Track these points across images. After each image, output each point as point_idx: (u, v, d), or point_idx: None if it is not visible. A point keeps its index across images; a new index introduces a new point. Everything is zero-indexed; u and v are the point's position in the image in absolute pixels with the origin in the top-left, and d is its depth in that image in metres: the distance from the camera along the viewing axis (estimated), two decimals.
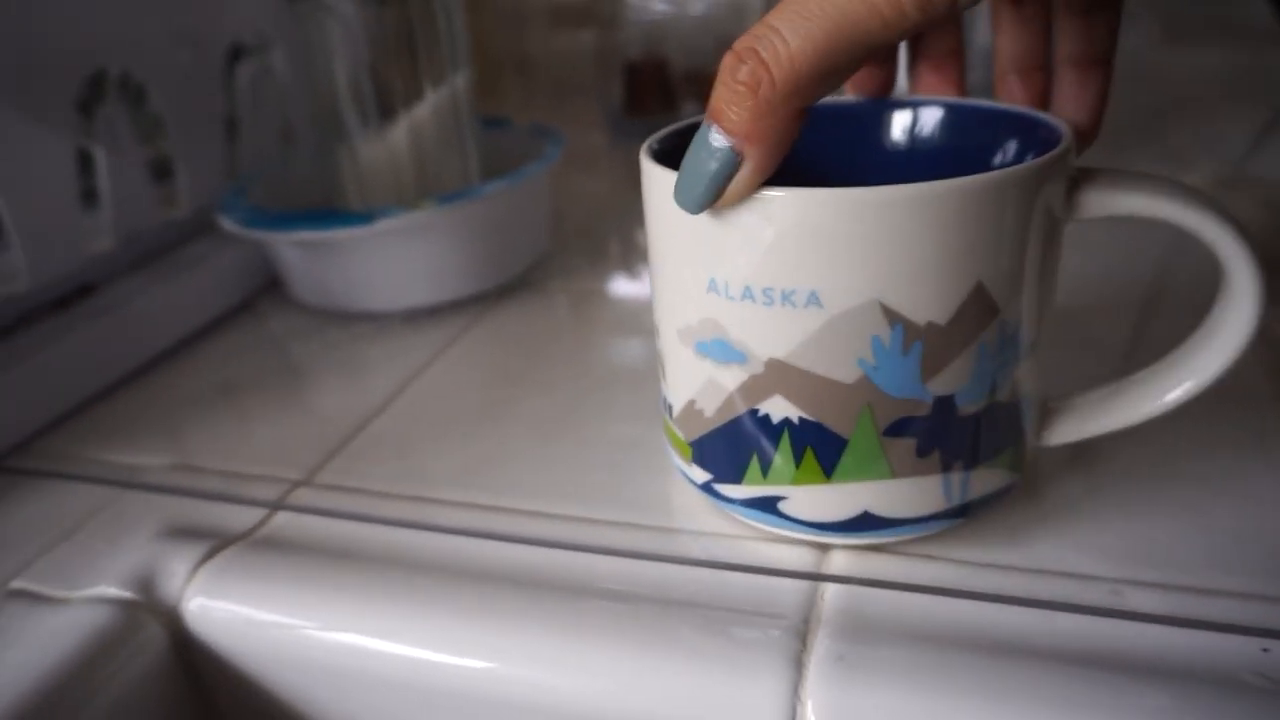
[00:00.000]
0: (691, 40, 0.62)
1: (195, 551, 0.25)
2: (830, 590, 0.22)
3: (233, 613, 0.24)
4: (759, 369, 0.21)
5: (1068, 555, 0.23)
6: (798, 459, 0.22)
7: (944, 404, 0.21)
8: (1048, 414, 0.24)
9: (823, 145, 0.25)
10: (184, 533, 0.26)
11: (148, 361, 0.37)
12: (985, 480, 0.22)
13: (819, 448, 0.21)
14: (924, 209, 0.19)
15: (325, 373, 0.36)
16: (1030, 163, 0.19)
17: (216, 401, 0.34)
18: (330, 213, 0.36)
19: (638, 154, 0.22)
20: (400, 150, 0.39)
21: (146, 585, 0.25)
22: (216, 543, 0.26)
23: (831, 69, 0.18)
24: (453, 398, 0.33)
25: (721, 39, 0.62)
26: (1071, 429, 0.24)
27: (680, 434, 0.24)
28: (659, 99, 0.63)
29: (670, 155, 0.22)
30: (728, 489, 0.23)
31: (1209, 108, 0.56)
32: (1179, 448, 0.26)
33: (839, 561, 0.23)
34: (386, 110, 0.39)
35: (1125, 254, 0.38)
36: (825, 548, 0.24)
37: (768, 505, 0.23)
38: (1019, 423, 0.22)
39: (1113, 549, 0.23)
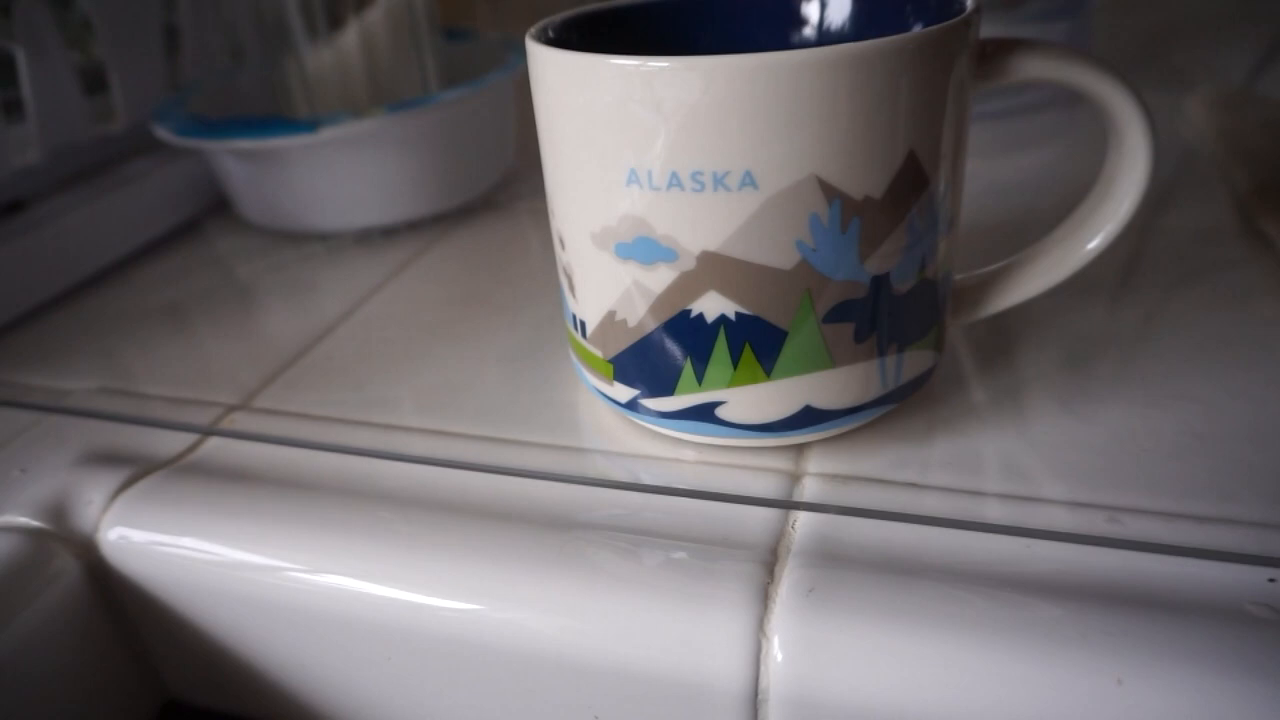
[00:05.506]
0: None
1: (114, 478, 0.23)
2: (801, 519, 0.20)
3: (154, 543, 0.22)
4: (690, 265, 0.19)
5: (1059, 482, 0.21)
6: (735, 359, 0.20)
7: (880, 283, 0.20)
8: (962, 291, 0.24)
9: (738, 32, 0.25)
10: (105, 459, 0.24)
11: (81, 282, 0.35)
12: (915, 362, 0.22)
13: (758, 344, 0.20)
14: (853, 71, 0.17)
15: (271, 295, 0.34)
16: (945, 24, 0.18)
17: (152, 324, 0.32)
18: (272, 120, 0.33)
19: None
20: (351, 59, 0.36)
21: (59, 513, 0.23)
22: (139, 469, 0.24)
23: None
24: (406, 321, 0.31)
25: None
26: (997, 299, 0.23)
27: (597, 352, 0.22)
28: None
29: (566, 45, 0.20)
30: (657, 403, 0.22)
31: (1212, 29, 0.53)
32: (1163, 355, 0.24)
33: (812, 488, 0.21)
34: (335, 16, 0.36)
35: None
36: (797, 477, 0.22)
37: (704, 413, 0.21)
38: (941, 300, 0.22)
39: (1104, 473, 0.21)
